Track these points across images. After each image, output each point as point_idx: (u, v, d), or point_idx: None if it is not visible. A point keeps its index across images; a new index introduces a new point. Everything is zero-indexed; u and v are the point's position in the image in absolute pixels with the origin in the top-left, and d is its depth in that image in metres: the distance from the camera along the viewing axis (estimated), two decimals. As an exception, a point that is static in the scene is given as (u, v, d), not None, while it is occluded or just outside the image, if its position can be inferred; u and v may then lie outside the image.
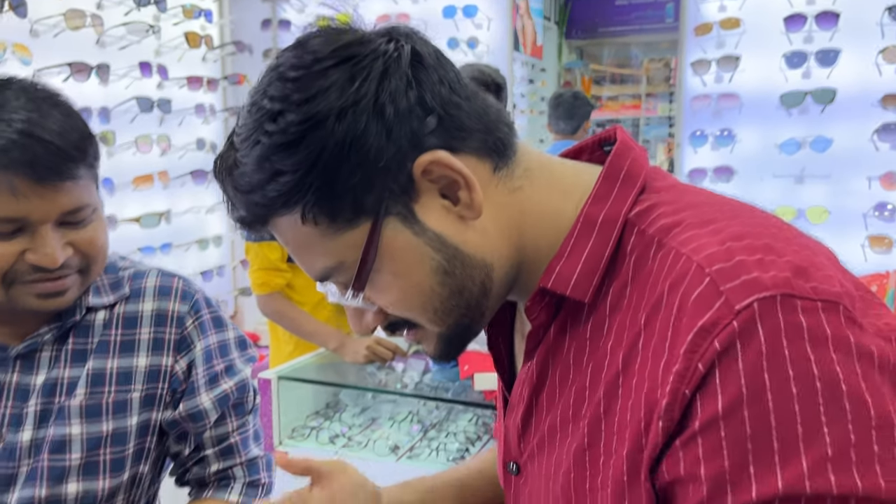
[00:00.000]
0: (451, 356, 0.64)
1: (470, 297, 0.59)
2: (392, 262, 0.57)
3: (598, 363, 0.56)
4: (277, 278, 2.28)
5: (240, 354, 1.08)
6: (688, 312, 0.48)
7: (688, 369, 0.47)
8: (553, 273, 0.58)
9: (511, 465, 0.67)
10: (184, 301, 1.03)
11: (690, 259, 0.50)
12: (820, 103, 2.71)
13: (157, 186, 3.09)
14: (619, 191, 0.58)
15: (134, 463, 0.97)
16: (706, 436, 0.47)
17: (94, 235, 0.91)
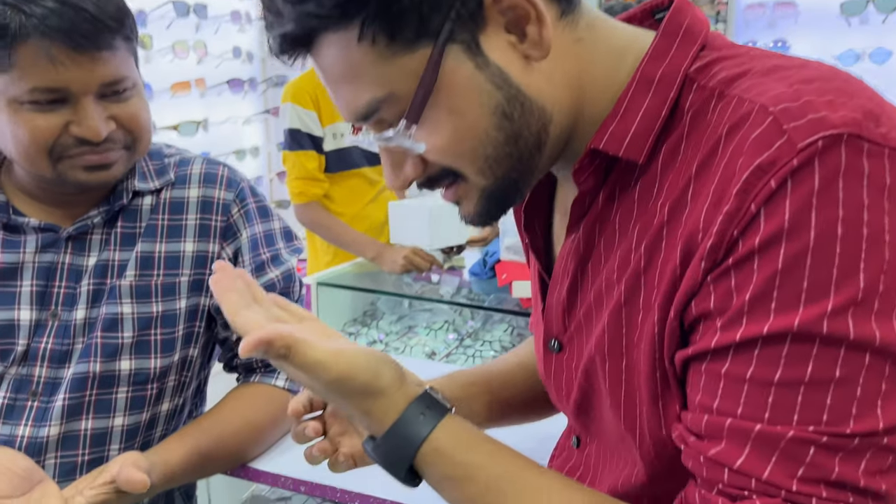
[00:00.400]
0: (490, 217, 0.60)
1: (524, 147, 0.56)
2: (449, 97, 0.53)
3: (646, 223, 0.54)
4: (315, 188, 2.28)
5: (286, 245, 1.08)
6: (746, 152, 0.46)
7: (739, 210, 0.46)
8: (605, 133, 0.55)
9: (553, 343, 0.66)
10: (229, 189, 1.03)
11: (754, 101, 0.48)
12: (883, 12, 2.56)
13: (195, 94, 3.08)
14: (678, 47, 0.55)
15: (184, 345, 0.99)
16: (739, 269, 0.46)
17: (136, 111, 0.91)
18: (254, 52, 3.43)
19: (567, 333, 0.65)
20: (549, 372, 0.69)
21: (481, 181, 0.57)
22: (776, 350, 0.45)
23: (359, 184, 2.37)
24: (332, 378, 0.56)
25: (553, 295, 0.66)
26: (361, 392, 0.57)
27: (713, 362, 0.49)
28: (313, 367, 0.55)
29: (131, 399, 0.96)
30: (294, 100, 2.26)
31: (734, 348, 0.47)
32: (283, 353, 0.53)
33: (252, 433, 1.01)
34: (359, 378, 0.56)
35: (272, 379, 1.04)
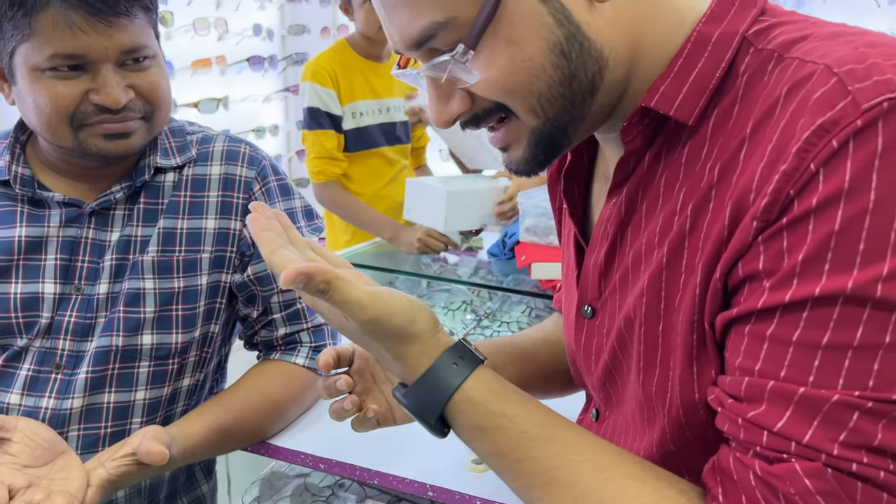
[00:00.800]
0: (538, 164, 0.60)
1: (578, 89, 0.55)
2: (510, 27, 0.53)
3: (692, 185, 0.54)
4: (334, 167, 2.28)
5: (307, 223, 1.08)
6: (807, 112, 0.46)
7: (797, 169, 0.45)
8: (657, 92, 0.55)
9: (586, 309, 0.66)
10: (251, 166, 1.03)
11: (817, 63, 0.48)
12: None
13: (215, 71, 3.08)
14: (737, 10, 0.55)
15: (205, 321, 1.00)
16: (792, 229, 0.46)
17: (155, 80, 0.92)
18: (274, 29, 3.41)
19: (601, 298, 0.64)
20: (579, 339, 0.68)
21: (532, 120, 0.57)
22: (826, 312, 0.45)
23: (378, 163, 2.36)
24: (369, 318, 0.55)
25: (590, 259, 0.66)
26: (396, 336, 0.57)
27: (758, 324, 0.48)
28: (351, 305, 0.54)
29: (153, 373, 0.97)
30: (314, 78, 2.25)
31: (781, 310, 0.46)
32: (322, 287, 0.52)
33: (271, 410, 1.01)
34: (395, 321, 0.56)
35: (292, 357, 1.05)
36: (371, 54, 2.33)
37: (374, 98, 2.34)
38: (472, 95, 0.57)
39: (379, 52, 2.33)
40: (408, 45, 0.56)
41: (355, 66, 2.31)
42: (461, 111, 0.58)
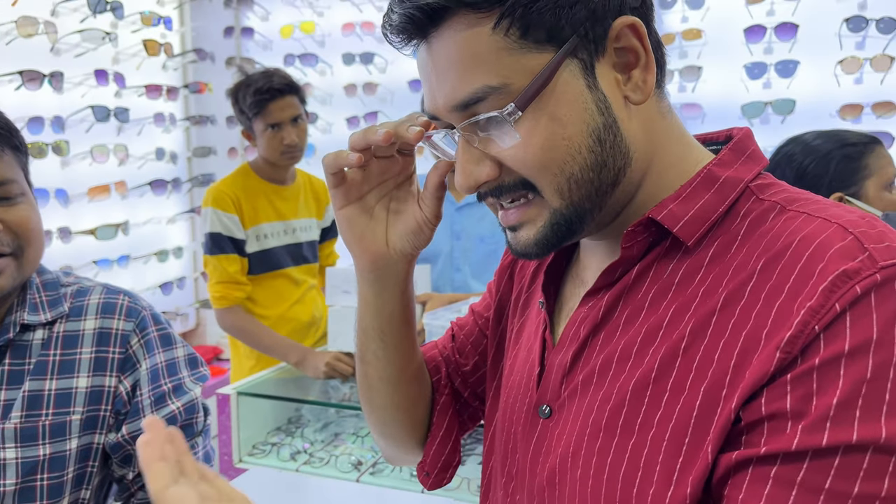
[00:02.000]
0: (547, 247, 0.61)
1: (605, 178, 0.58)
2: (557, 104, 0.56)
3: (684, 305, 0.57)
4: (237, 291, 2.23)
5: (189, 373, 1.04)
6: (829, 259, 0.50)
7: (823, 306, 0.48)
8: (665, 209, 0.59)
9: (544, 409, 0.66)
10: (129, 318, 0.99)
11: (828, 221, 0.53)
12: (780, 114, 2.74)
13: (115, 197, 3.01)
14: (743, 163, 0.61)
15: (74, 488, 0.93)
16: (823, 372, 0.47)
17: (25, 216, 0.89)
18: (178, 152, 3.40)
19: (559, 399, 0.64)
20: (529, 439, 0.67)
21: (556, 201, 0.59)
22: (857, 460, 0.46)
23: (283, 284, 2.33)
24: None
25: (556, 358, 0.66)
26: None
27: (785, 467, 0.48)
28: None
29: (12, 553, 0.88)
30: (215, 204, 2.24)
31: (812, 454, 0.47)
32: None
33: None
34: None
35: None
36: (274, 178, 2.34)
37: (279, 220, 2.34)
38: (500, 166, 0.59)
39: (282, 175, 2.35)
40: (452, 106, 0.58)
41: (258, 190, 2.32)
42: (489, 178, 0.59)
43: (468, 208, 2.28)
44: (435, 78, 0.59)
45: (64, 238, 2.72)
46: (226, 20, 3.54)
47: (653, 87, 0.59)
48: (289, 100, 2.22)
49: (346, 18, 3.36)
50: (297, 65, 3.42)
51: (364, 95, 3.37)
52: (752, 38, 2.75)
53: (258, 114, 2.20)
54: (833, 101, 2.69)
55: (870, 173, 1.34)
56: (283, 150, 2.24)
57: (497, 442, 0.74)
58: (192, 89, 3.41)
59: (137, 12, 3.04)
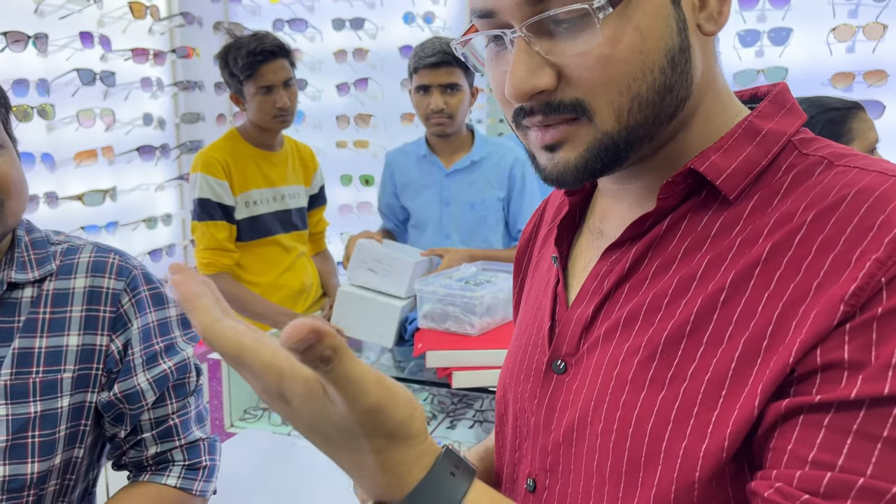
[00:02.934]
0: (587, 174, 0.56)
1: (666, 106, 0.55)
2: (642, 14, 0.52)
3: (719, 256, 0.55)
4: (224, 258, 2.22)
5: (182, 333, 1.04)
6: (891, 212, 0.49)
7: (890, 258, 0.47)
8: (707, 160, 0.57)
9: (559, 364, 0.63)
10: (120, 277, 0.99)
11: (885, 174, 0.52)
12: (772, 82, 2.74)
13: (102, 163, 2.98)
14: (784, 115, 0.59)
15: (67, 446, 0.93)
16: (884, 321, 0.46)
17: (4, 168, 0.87)
18: (166, 118, 3.36)
19: (578, 353, 0.62)
20: (543, 396, 0.64)
21: (610, 124, 0.54)
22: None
23: (274, 251, 2.32)
24: (371, 405, 0.43)
25: (574, 312, 0.63)
26: (393, 434, 0.45)
27: (840, 415, 0.46)
28: (354, 384, 0.42)
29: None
30: (204, 169, 2.22)
31: (870, 403, 0.45)
32: (327, 354, 0.41)
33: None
34: (398, 413, 0.45)
35: (163, 477, 0.98)
36: (263, 143, 2.32)
37: (268, 186, 2.32)
38: (559, 78, 0.54)
39: (271, 140, 2.33)
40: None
41: (247, 155, 2.29)
42: (546, 87, 0.54)
43: (457, 174, 2.27)
44: None
45: (51, 203, 2.69)
46: (213, -17, 3.48)
47: (727, 19, 0.56)
48: (280, 62, 2.19)
49: (336, -17, 3.31)
50: (286, 30, 3.37)
51: (354, 62, 3.33)
52: (746, 6, 2.73)
53: (250, 76, 2.17)
54: (825, 69, 2.68)
55: (853, 137, 1.34)
56: (275, 114, 2.21)
57: (508, 405, 0.71)
58: (180, 54, 3.36)
59: (123, -26, 2.99)
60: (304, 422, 0.45)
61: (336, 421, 0.44)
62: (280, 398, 0.44)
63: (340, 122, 3.39)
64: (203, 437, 1.04)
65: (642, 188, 0.62)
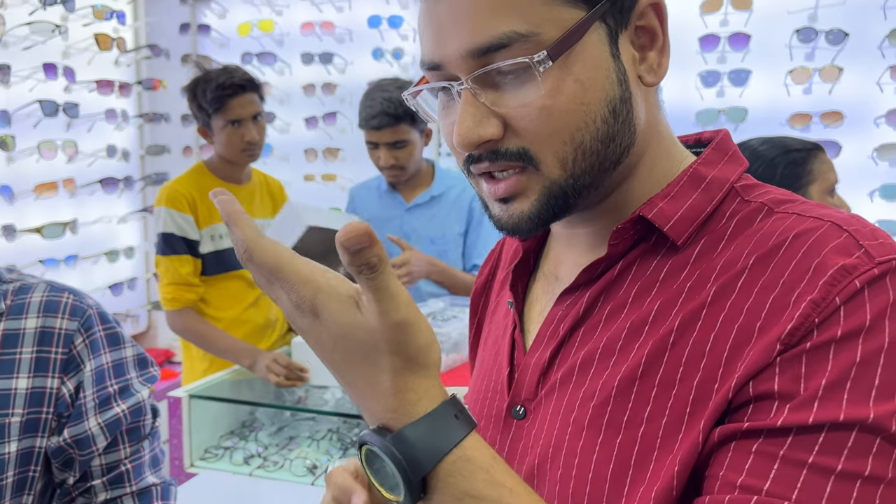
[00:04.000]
0: (540, 223, 0.58)
1: (610, 154, 0.57)
2: (582, 66, 0.54)
3: (669, 301, 0.56)
4: (188, 293, 2.19)
5: (138, 374, 1.01)
6: (825, 255, 0.51)
7: (824, 299, 0.49)
8: (655, 206, 0.58)
9: (518, 409, 0.64)
10: (73, 317, 0.96)
11: (821, 219, 0.54)
12: (733, 122, 2.80)
13: (63, 195, 2.93)
14: (726, 163, 0.61)
15: (16, 493, 0.89)
16: (813, 355, 0.48)
17: None
18: (131, 149, 3.32)
19: (536, 399, 0.62)
20: (503, 441, 0.65)
21: (556, 172, 0.56)
22: (842, 438, 0.46)
23: (238, 286, 2.29)
24: (400, 319, 0.46)
25: (531, 357, 0.64)
26: (412, 357, 0.47)
27: (769, 442, 0.48)
28: (390, 296, 0.45)
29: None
30: (169, 203, 2.19)
31: (797, 430, 0.47)
32: (374, 262, 0.44)
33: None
34: (420, 337, 0.47)
35: (115, 525, 0.95)
36: (230, 176, 2.30)
37: (235, 220, 2.30)
38: (505, 128, 0.56)
39: (238, 174, 2.31)
40: (468, 51, 0.54)
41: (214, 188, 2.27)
42: (493, 137, 0.55)
43: (418, 209, 2.28)
44: (450, 21, 0.54)
45: (8, 236, 2.63)
46: (181, 16, 3.47)
47: (666, 71, 0.58)
48: (250, 96, 2.19)
49: (306, 18, 3.33)
50: (254, 63, 3.38)
51: (323, 95, 3.34)
52: (707, 47, 2.81)
53: (218, 110, 2.16)
54: (784, 109, 2.76)
55: (813, 178, 1.38)
56: (243, 147, 2.20)
57: None
58: (146, 86, 3.34)
59: (89, 6, 2.97)
60: (330, 336, 0.47)
61: (364, 334, 0.47)
62: (312, 311, 0.47)
63: (308, 156, 3.38)
64: (157, 483, 1.01)
65: (594, 233, 0.63)
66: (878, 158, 2.67)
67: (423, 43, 0.58)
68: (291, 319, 0.49)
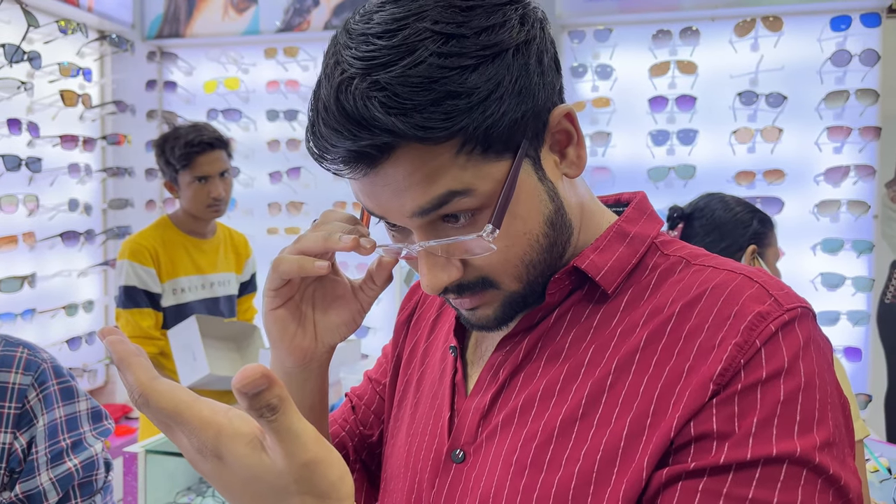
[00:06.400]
0: (503, 322, 0.65)
1: (555, 255, 0.63)
2: (518, 204, 0.59)
3: (603, 345, 0.61)
4: (149, 346, 2.18)
5: (91, 427, 1.02)
6: (743, 303, 0.57)
7: (747, 342, 0.55)
8: (587, 259, 0.64)
9: (457, 453, 0.66)
10: (27, 372, 0.97)
11: (733, 272, 0.61)
12: (682, 178, 2.92)
13: (22, 248, 2.91)
14: (646, 221, 0.68)
15: (-37, 551, 0.89)
16: (744, 396, 0.54)
17: None
18: (93, 203, 3.32)
19: (476, 442, 0.65)
20: (442, 485, 0.67)
21: (513, 286, 0.62)
22: (775, 472, 0.52)
23: (199, 340, 2.30)
24: (307, 459, 0.44)
25: (472, 401, 0.67)
26: (323, 493, 0.45)
27: (713, 480, 0.52)
28: (295, 436, 0.43)
29: None
30: (132, 257, 2.20)
31: (736, 467, 0.52)
32: (274, 403, 0.42)
33: None
34: (331, 472, 0.45)
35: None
36: (195, 231, 2.33)
37: (198, 273, 2.32)
38: (464, 265, 0.61)
39: (203, 228, 2.34)
40: (412, 213, 0.57)
41: (178, 243, 2.29)
42: (456, 279, 0.61)
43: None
44: (388, 194, 0.57)
45: (-36, 290, 2.60)
46: (148, 73, 3.53)
47: (586, 161, 0.63)
48: (218, 153, 2.23)
49: (271, 76, 3.41)
50: (220, 119, 3.43)
51: (287, 151, 3.40)
52: (656, 108, 2.95)
53: (186, 166, 2.20)
54: (729, 167, 2.89)
55: (771, 243, 1.53)
56: (209, 203, 2.24)
57: (396, 494, 0.73)
58: (111, 141, 3.36)
59: (56, 63, 3.00)
60: (237, 479, 0.45)
61: (272, 477, 0.44)
62: (215, 455, 0.44)
63: (272, 209, 3.42)
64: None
65: None
66: (819, 214, 2.80)
67: (363, 201, 0.61)
68: (194, 463, 0.46)
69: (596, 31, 3.00)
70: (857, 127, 2.76)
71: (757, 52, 2.87)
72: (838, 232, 2.80)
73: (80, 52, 3.22)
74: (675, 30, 2.91)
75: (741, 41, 2.86)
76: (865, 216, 2.76)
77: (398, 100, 0.52)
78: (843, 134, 2.75)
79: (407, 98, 0.52)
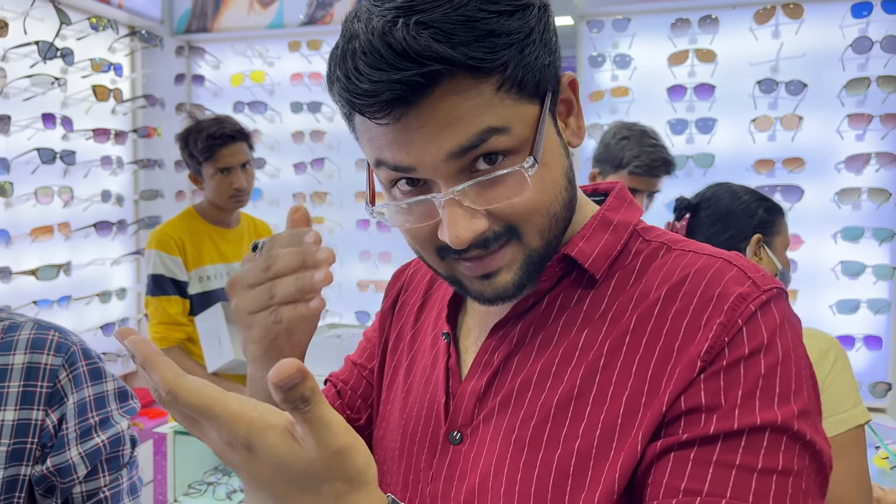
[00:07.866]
0: (522, 287, 0.65)
1: (570, 214, 0.67)
2: (546, 151, 0.62)
3: (595, 329, 0.65)
4: (177, 332, 2.27)
5: (118, 406, 1.09)
6: (724, 285, 0.62)
7: (730, 322, 0.60)
8: (576, 246, 0.67)
9: (454, 435, 0.69)
10: (58, 353, 1.04)
11: (714, 257, 0.65)
12: (701, 167, 2.92)
13: (58, 238, 3.02)
14: (626, 209, 0.72)
15: (-1, 519, 0.96)
16: (728, 371, 0.58)
17: None
18: (125, 194, 3.43)
19: (473, 424, 0.68)
20: (440, 467, 0.69)
21: (534, 242, 0.64)
22: (759, 439, 0.56)
23: (225, 326, 2.37)
24: (338, 447, 0.45)
25: (468, 384, 0.70)
26: (352, 478, 0.47)
27: (703, 450, 0.57)
28: (326, 426, 0.44)
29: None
30: (159, 246, 2.29)
31: (724, 437, 0.56)
32: (307, 395, 0.43)
33: None
34: (359, 458, 0.47)
35: (93, 548, 1.02)
36: (219, 221, 2.41)
37: (223, 261, 2.39)
38: (488, 217, 0.61)
39: (227, 218, 2.42)
40: (451, 153, 0.58)
41: (203, 232, 2.37)
42: (484, 229, 0.61)
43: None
44: (423, 138, 0.57)
45: (3, 278, 2.72)
46: (177, 68, 3.62)
47: (585, 132, 0.68)
48: (239, 145, 2.30)
49: (296, 69, 3.48)
50: (246, 111, 3.51)
51: (311, 142, 3.47)
52: (675, 97, 2.94)
53: (209, 158, 2.28)
54: (749, 155, 2.88)
55: (780, 231, 1.51)
56: (232, 194, 2.31)
57: (391, 476, 0.75)
58: (141, 134, 3.46)
59: (88, 59, 3.10)
60: (268, 468, 0.46)
61: (302, 465, 0.46)
62: (245, 447, 0.45)
63: (297, 200, 3.49)
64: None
65: None
66: (840, 202, 2.78)
67: (390, 155, 0.60)
68: (222, 456, 0.47)
69: (615, 20, 3.00)
70: (879, 114, 2.73)
71: (777, 40, 2.85)
72: (859, 220, 2.78)
73: (111, 47, 3.32)
74: (694, 18, 2.90)
75: (761, 29, 2.85)
76: (887, 204, 2.74)
77: (445, 34, 0.55)
78: (864, 121, 2.73)
79: (453, 33, 0.55)
